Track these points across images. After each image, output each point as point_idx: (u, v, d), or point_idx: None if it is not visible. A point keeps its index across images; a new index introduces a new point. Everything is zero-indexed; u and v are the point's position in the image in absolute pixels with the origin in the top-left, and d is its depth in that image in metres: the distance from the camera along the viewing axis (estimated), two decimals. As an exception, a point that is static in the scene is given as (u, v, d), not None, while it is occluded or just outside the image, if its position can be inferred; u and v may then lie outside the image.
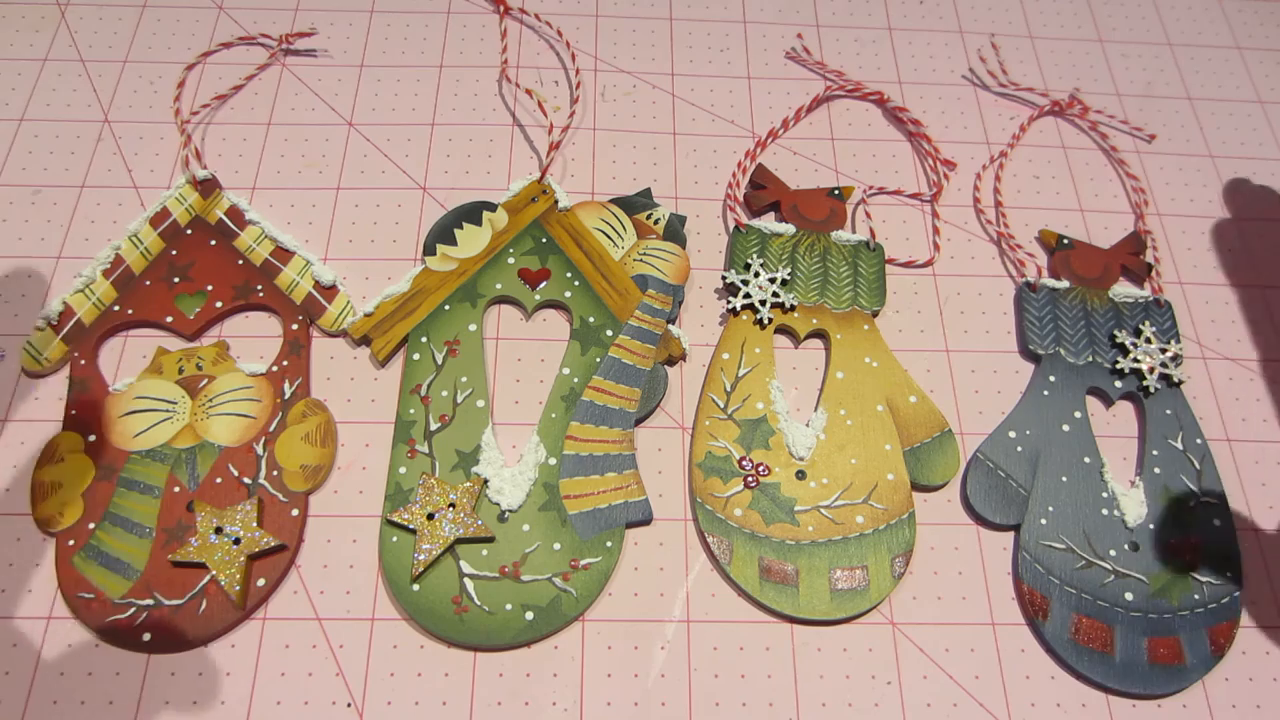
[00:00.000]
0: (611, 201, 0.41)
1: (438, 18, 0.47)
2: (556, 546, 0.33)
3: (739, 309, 0.39)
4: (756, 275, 0.39)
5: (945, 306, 0.40)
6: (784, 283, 0.39)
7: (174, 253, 0.38)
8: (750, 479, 0.35)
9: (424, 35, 0.46)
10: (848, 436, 0.36)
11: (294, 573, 0.33)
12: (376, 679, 0.32)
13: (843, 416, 0.37)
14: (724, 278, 0.39)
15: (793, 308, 0.39)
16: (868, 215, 0.42)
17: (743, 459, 0.36)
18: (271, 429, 0.35)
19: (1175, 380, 0.38)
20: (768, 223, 0.41)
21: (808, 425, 0.37)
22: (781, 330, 0.39)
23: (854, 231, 0.42)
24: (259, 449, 0.35)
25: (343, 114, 0.44)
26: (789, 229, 0.41)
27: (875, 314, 0.39)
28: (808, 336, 0.39)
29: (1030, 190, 0.44)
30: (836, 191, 0.42)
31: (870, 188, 0.43)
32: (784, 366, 0.39)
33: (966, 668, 0.33)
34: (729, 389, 0.37)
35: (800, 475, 0.35)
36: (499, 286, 0.39)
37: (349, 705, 0.31)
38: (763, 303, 0.39)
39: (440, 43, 0.46)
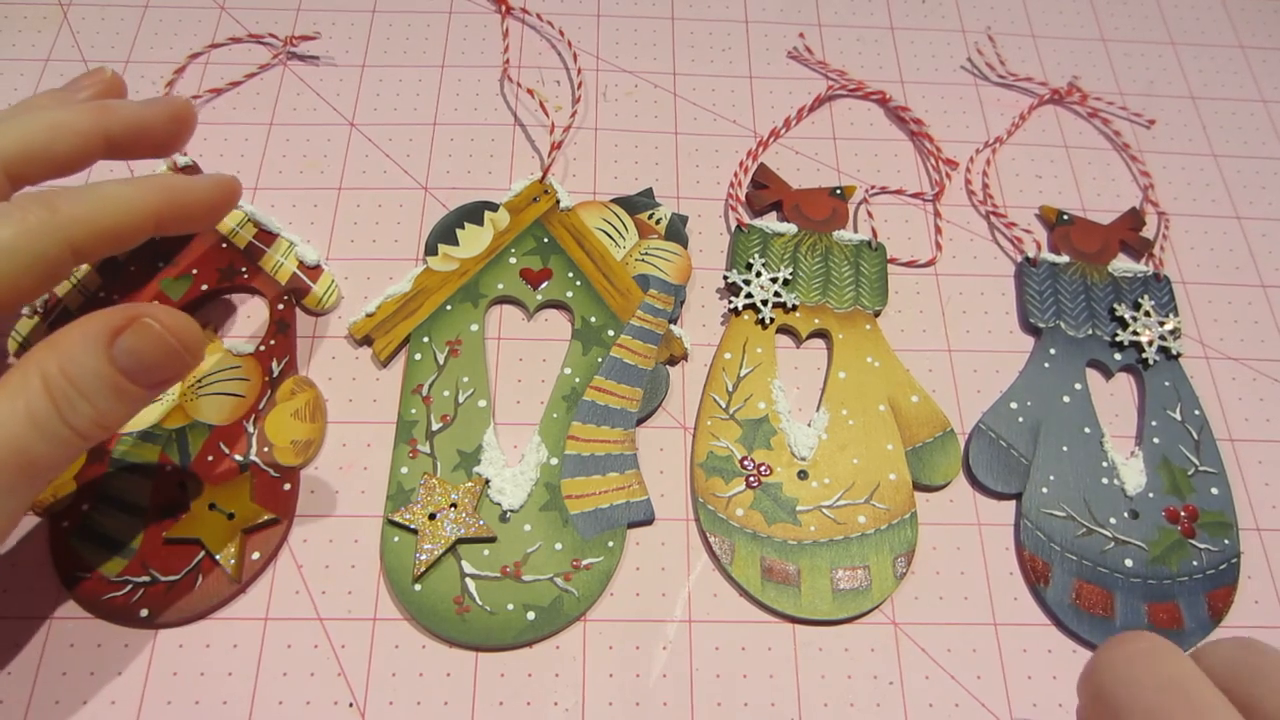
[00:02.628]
0: (613, 201, 0.41)
1: (439, 18, 0.47)
2: (558, 546, 0.33)
3: (741, 309, 0.39)
4: (758, 275, 0.39)
5: (947, 306, 0.40)
6: (786, 282, 0.39)
7: (157, 238, 0.38)
8: (752, 479, 0.35)
9: (425, 35, 0.46)
10: (850, 436, 0.36)
11: (296, 573, 0.33)
12: (378, 679, 0.32)
13: (845, 416, 0.37)
14: (725, 277, 0.39)
15: (794, 307, 0.39)
16: (870, 215, 0.42)
17: (744, 459, 0.36)
18: (261, 406, 0.35)
19: (1173, 353, 0.39)
20: (769, 222, 0.41)
21: (809, 425, 0.37)
22: (783, 330, 0.39)
23: (856, 231, 0.42)
24: (249, 426, 0.35)
25: (344, 114, 0.44)
26: (791, 228, 0.41)
27: (877, 314, 0.39)
28: (809, 336, 0.39)
29: (1030, 174, 0.44)
30: (838, 191, 0.42)
31: (872, 187, 0.43)
32: (786, 366, 0.38)
33: (969, 668, 0.33)
34: (731, 389, 0.37)
35: (802, 475, 0.35)
36: (501, 286, 0.39)
37: (350, 705, 0.31)
38: (764, 302, 0.39)
39: (442, 43, 0.46)
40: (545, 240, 0.40)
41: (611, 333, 0.38)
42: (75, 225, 0.27)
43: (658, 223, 0.41)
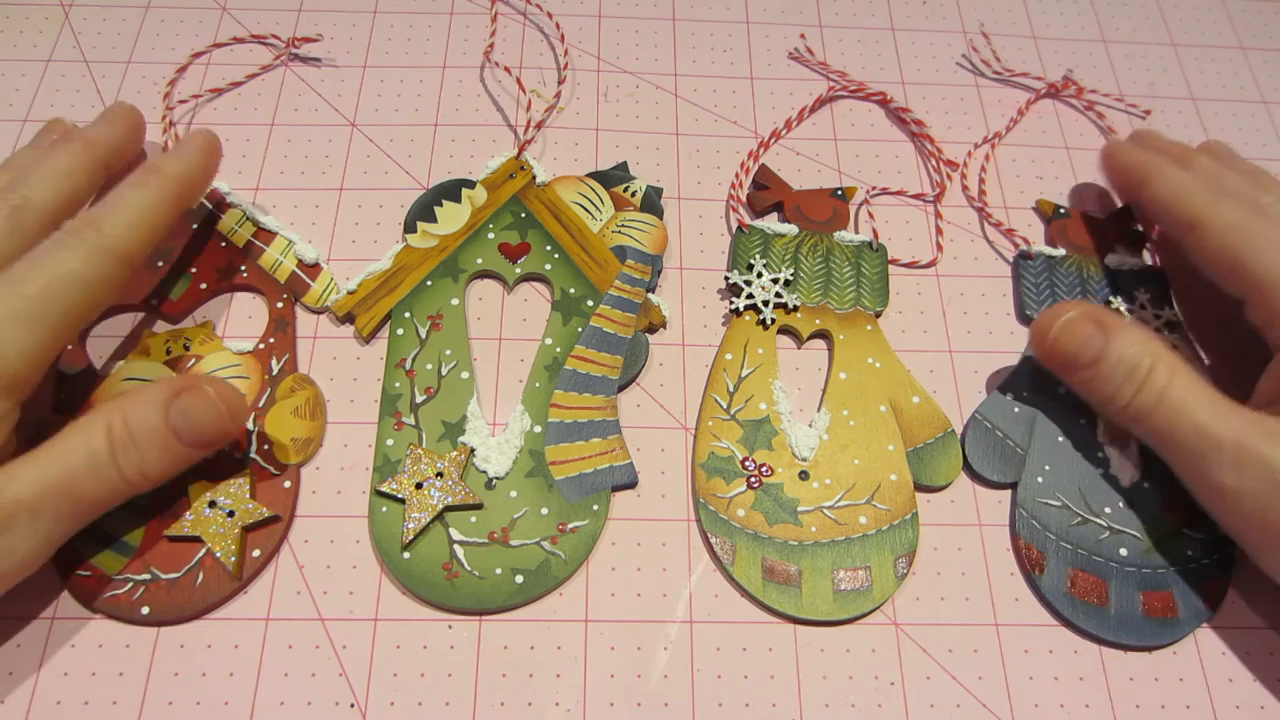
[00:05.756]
0: (588, 175, 0.42)
1: (440, 19, 0.47)
2: (544, 511, 0.34)
3: (742, 309, 0.39)
4: (759, 276, 0.39)
5: (948, 307, 0.40)
6: (787, 283, 0.39)
7: None
8: (753, 479, 0.35)
9: (426, 36, 0.46)
10: (851, 437, 0.36)
11: (298, 573, 0.33)
12: (380, 680, 0.32)
13: (845, 417, 0.37)
14: (727, 278, 0.39)
15: (796, 308, 0.39)
16: (871, 216, 0.42)
17: (745, 459, 0.36)
18: (261, 404, 0.35)
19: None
20: (771, 223, 0.41)
21: (811, 426, 0.37)
22: (784, 331, 0.39)
23: (857, 232, 0.42)
24: (249, 424, 0.35)
25: (345, 115, 0.44)
26: (792, 229, 0.41)
27: (878, 314, 0.39)
28: (810, 337, 0.39)
29: (1031, 174, 0.44)
30: (839, 192, 0.42)
31: (873, 188, 0.43)
32: (787, 367, 0.39)
33: (969, 669, 0.33)
34: (732, 389, 0.37)
35: (803, 476, 0.35)
36: (480, 261, 0.39)
37: (352, 706, 0.31)
38: (765, 303, 0.39)
39: (443, 44, 0.46)
40: (523, 215, 0.40)
41: (590, 303, 0.38)
42: (124, 240, 0.32)
43: (633, 195, 0.41)
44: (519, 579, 0.33)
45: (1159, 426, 0.32)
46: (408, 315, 0.38)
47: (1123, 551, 0.34)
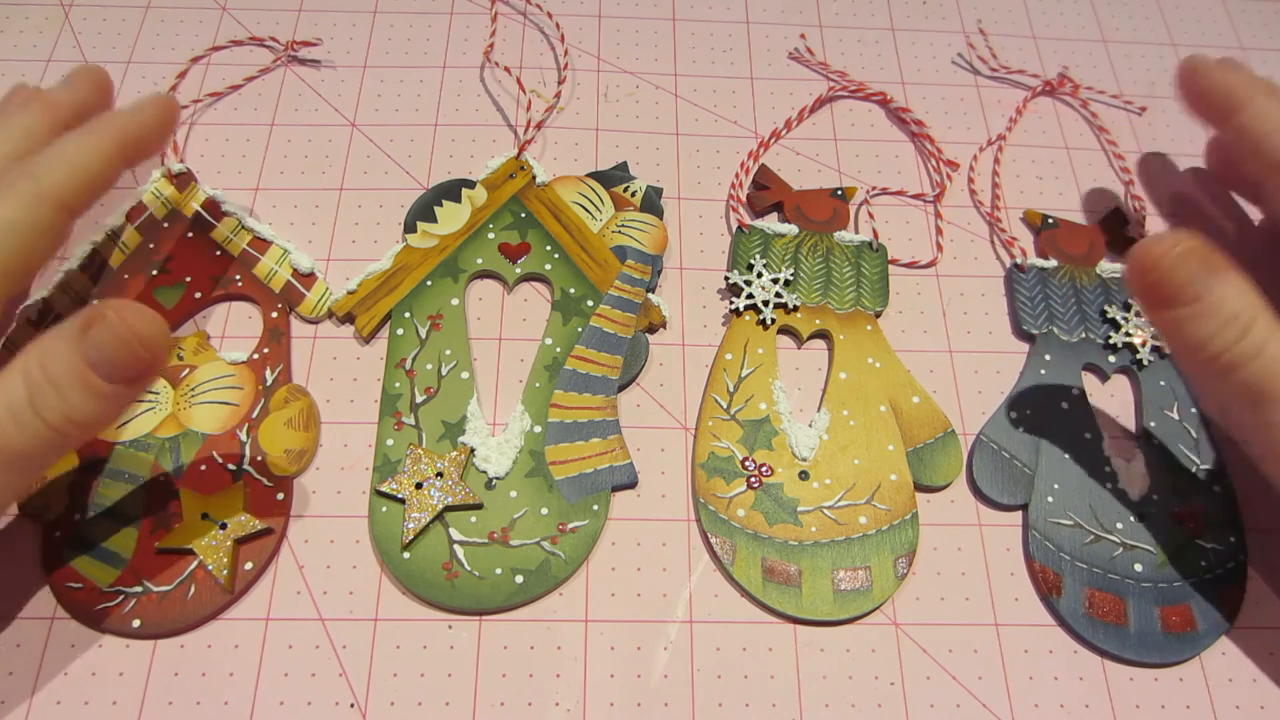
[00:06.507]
0: (588, 176, 0.42)
1: (440, 19, 0.47)
2: (544, 511, 0.34)
3: (742, 309, 0.39)
4: (759, 276, 0.39)
5: (948, 307, 0.40)
6: (787, 283, 0.39)
7: (151, 246, 0.39)
8: (753, 479, 0.35)
9: (426, 36, 0.46)
10: (851, 437, 0.36)
11: (298, 574, 0.33)
12: (380, 680, 0.32)
13: (845, 417, 0.37)
14: (727, 278, 0.39)
15: (796, 308, 0.39)
16: (871, 216, 0.42)
17: (745, 459, 0.36)
18: (254, 415, 0.35)
19: (1166, 352, 0.38)
20: (771, 223, 0.41)
21: (811, 426, 0.37)
22: (784, 331, 0.39)
23: (857, 232, 0.42)
24: (242, 435, 0.35)
25: (345, 115, 0.44)
26: (792, 229, 0.41)
27: (878, 314, 0.39)
28: (810, 337, 0.39)
29: (1030, 175, 0.44)
30: (839, 192, 0.42)
31: (873, 188, 0.43)
32: (787, 367, 0.39)
33: (969, 668, 0.33)
34: (732, 389, 0.37)
35: (803, 476, 0.35)
36: (480, 261, 0.39)
37: (352, 706, 0.31)
38: (765, 303, 0.39)
39: (443, 44, 0.46)
40: (523, 215, 0.40)
41: (590, 303, 0.38)
42: (61, 187, 0.30)
43: (633, 195, 0.41)
44: (519, 579, 0.33)
45: (1257, 377, 0.30)
46: (408, 315, 0.38)
47: (1137, 567, 0.34)
